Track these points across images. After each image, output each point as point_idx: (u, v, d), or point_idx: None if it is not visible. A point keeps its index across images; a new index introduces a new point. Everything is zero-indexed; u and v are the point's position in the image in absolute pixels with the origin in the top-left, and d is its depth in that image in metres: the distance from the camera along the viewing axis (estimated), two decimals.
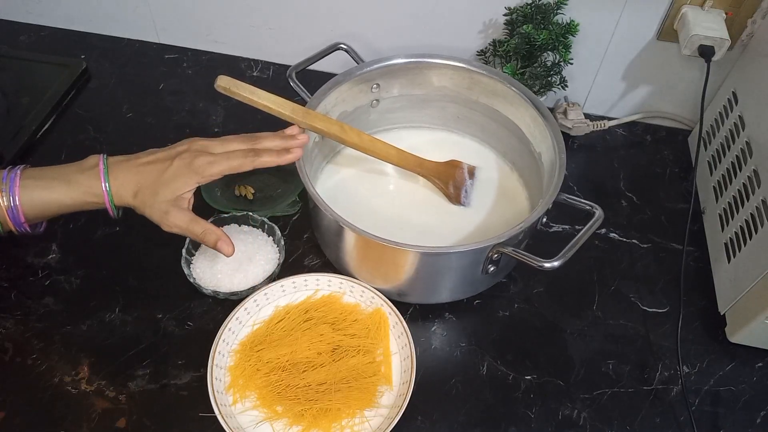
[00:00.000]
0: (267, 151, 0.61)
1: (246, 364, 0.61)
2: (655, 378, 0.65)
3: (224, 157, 0.60)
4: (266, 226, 0.70)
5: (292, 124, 0.64)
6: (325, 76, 0.70)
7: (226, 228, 0.70)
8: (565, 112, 0.85)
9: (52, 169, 0.60)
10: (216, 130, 0.84)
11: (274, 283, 0.65)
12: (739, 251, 0.66)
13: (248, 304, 0.64)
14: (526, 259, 0.58)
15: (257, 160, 0.60)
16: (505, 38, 0.79)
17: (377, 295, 0.64)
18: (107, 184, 0.59)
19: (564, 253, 0.58)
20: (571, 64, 0.79)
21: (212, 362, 0.59)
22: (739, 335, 0.65)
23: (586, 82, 0.86)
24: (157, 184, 0.59)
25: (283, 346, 0.61)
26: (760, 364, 0.66)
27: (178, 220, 0.59)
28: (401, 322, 0.63)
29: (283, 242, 0.69)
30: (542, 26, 0.76)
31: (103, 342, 0.64)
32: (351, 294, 0.66)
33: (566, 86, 0.80)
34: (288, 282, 0.66)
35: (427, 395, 0.62)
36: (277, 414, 0.58)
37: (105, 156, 0.60)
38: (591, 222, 0.61)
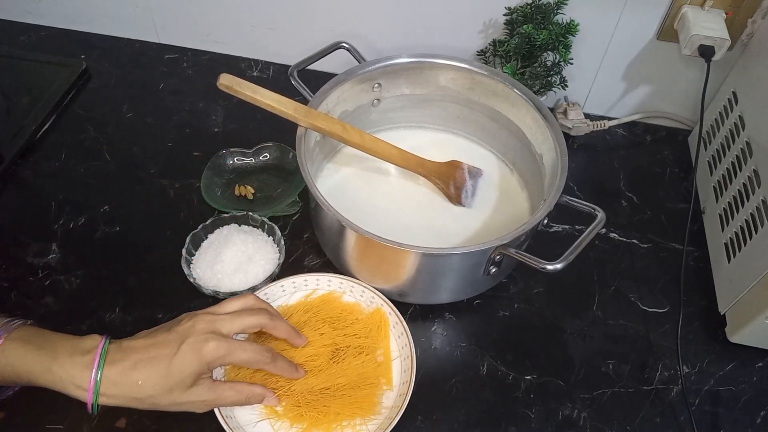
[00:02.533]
0: (282, 359, 0.57)
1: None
2: (655, 378, 0.65)
3: (239, 347, 0.54)
4: (266, 226, 0.70)
5: (293, 123, 0.64)
6: (326, 76, 0.70)
7: (225, 228, 0.70)
8: (565, 112, 0.85)
9: (49, 337, 0.52)
10: (216, 129, 0.84)
11: (274, 283, 0.65)
12: (739, 251, 0.67)
13: None
14: (529, 261, 0.58)
15: (273, 365, 0.56)
16: (505, 38, 0.79)
17: (377, 294, 0.64)
18: (98, 377, 0.50)
19: (566, 256, 0.57)
20: (571, 64, 0.79)
21: None
22: (739, 335, 0.65)
23: (586, 82, 0.86)
24: (166, 382, 0.51)
25: (284, 347, 0.61)
26: (760, 364, 0.66)
27: (222, 398, 0.54)
28: (401, 322, 0.63)
29: (283, 242, 0.69)
30: (542, 26, 0.76)
31: None
32: (351, 294, 0.66)
33: (566, 86, 0.80)
34: (288, 282, 0.66)
35: (427, 395, 0.62)
36: (277, 414, 0.58)
37: (107, 341, 0.52)
38: (593, 224, 0.60)
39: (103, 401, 0.50)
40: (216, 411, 0.56)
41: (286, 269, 0.69)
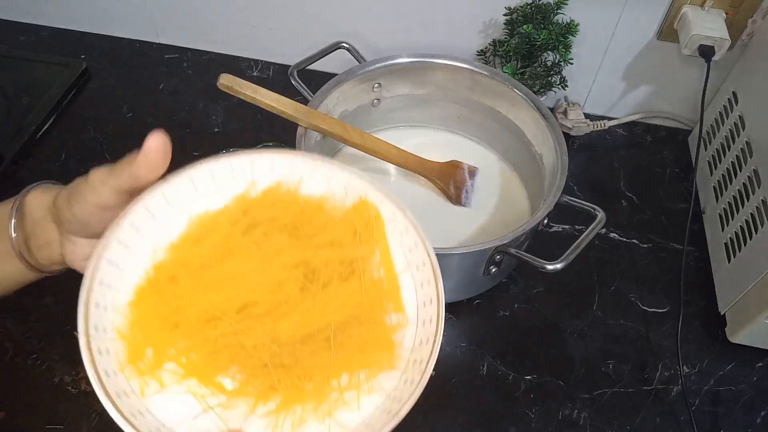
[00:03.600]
0: None
1: (153, 321, 0.36)
2: (655, 378, 0.65)
3: None
4: None
5: (293, 123, 0.64)
6: (326, 76, 0.70)
7: None
8: (565, 112, 0.85)
9: None
10: (216, 129, 0.84)
11: (179, 176, 0.39)
12: (739, 251, 0.67)
13: (133, 215, 0.37)
14: (529, 261, 0.58)
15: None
16: (505, 38, 0.79)
17: (357, 175, 0.40)
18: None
19: (567, 256, 0.57)
20: (571, 64, 0.79)
21: (86, 328, 0.34)
22: (739, 335, 0.65)
23: (586, 82, 0.86)
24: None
25: (218, 283, 0.37)
26: (760, 364, 0.66)
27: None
28: (404, 213, 0.40)
29: None
30: (542, 26, 0.76)
31: None
32: (311, 181, 0.41)
33: (566, 86, 0.80)
34: (203, 172, 0.39)
35: (427, 395, 0.61)
36: (229, 393, 0.35)
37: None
38: (593, 224, 0.60)
39: None
40: (111, 409, 0.32)
41: None
